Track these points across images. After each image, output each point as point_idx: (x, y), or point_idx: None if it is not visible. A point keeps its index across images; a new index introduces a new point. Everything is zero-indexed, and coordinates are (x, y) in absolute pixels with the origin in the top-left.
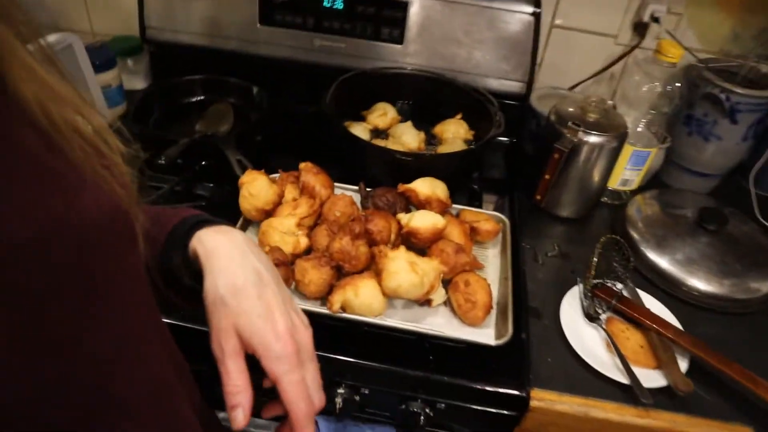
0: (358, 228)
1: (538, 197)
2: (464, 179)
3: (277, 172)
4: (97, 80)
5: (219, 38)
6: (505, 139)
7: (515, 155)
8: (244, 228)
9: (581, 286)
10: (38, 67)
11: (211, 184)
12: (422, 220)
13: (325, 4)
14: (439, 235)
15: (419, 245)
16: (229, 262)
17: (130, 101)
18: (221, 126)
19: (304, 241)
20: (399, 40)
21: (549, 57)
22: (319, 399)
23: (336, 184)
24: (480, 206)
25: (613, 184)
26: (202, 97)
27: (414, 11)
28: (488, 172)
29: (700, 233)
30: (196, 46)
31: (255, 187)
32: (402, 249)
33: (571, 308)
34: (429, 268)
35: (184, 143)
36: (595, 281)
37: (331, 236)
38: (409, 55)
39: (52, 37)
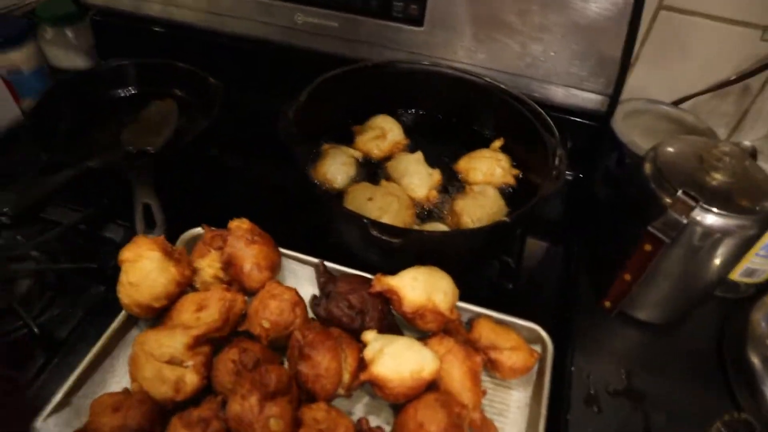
0: (273, 380)
1: (608, 304)
2: (490, 258)
3: (200, 227)
4: None
5: (168, 5)
6: (569, 173)
7: (582, 201)
8: (126, 328)
9: None
10: None
11: (128, 223)
12: (396, 366)
13: None
14: (424, 387)
15: (389, 400)
16: None
17: None
18: (159, 135)
19: (192, 380)
20: (418, 20)
21: (649, 54)
22: None
23: (291, 254)
24: (513, 295)
25: (734, 275)
26: (136, 91)
27: None
28: (536, 224)
29: None
30: (139, 17)
31: (137, 273)
32: (343, 426)
33: None
34: None
35: (80, 168)
36: None
37: (239, 379)
38: (430, 44)
39: None
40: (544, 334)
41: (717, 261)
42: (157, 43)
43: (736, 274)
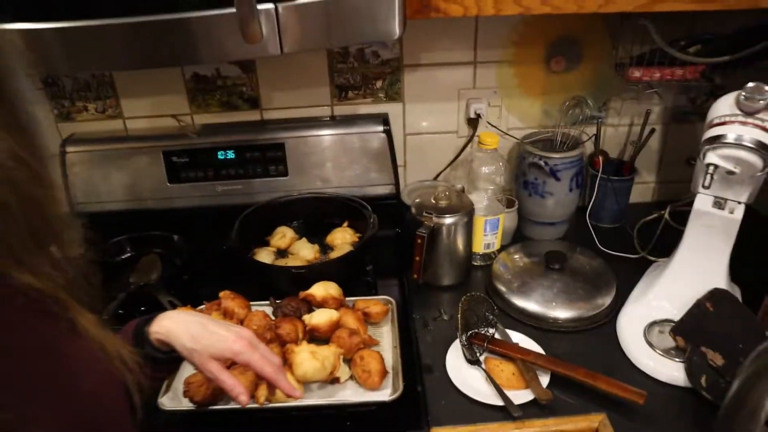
0: (269, 335)
1: (415, 276)
2: (359, 274)
3: (203, 304)
4: None
5: (138, 201)
6: (391, 231)
7: (402, 244)
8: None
9: (459, 338)
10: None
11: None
12: (320, 318)
13: (219, 156)
14: (336, 326)
15: (323, 337)
16: (181, 329)
17: None
18: (152, 275)
19: None
20: (284, 173)
21: (411, 158)
22: (276, 359)
23: (252, 303)
24: (375, 293)
25: (479, 249)
26: (131, 254)
27: (290, 148)
28: (383, 262)
29: (549, 273)
30: (121, 211)
31: None
32: (304, 343)
33: (455, 358)
34: (328, 353)
35: (122, 297)
36: (471, 332)
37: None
38: (294, 183)
39: None
40: (389, 298)
41: (460, 240)
42: (130, 226)
43: (482, 248)
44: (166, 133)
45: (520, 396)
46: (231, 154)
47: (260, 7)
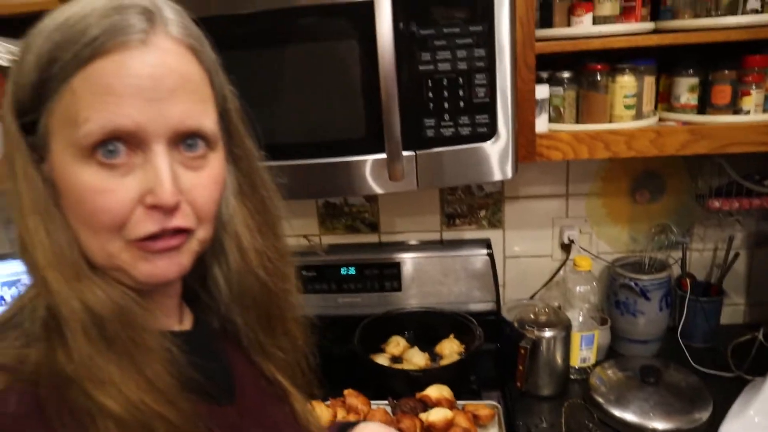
0: (393, 429)
1: (518, 384)
2: (465, 381)
3: (328, 400)
4: None
5: None
6: (492, 345)
7: (502, 356)
8: None
9: None
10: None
11: None
12: (436, 415)
13: (342, 272)
14: (450, 424)
15: None
16: None
17: None
18: None
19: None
20: (399, 288)
21: (509, 278)
22: None
23: (372, 401)
24: (480, 398)
25: (576, 363)
26: None
27: (406, 267)
28: (485, 372)
29: (645, 386)
30: None
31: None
32: None
33: None
34: None
35: None
36: None
37: None
38: (407, 298)
39: None
40: (496, 403)
41: (559, 353)
42: None
43: (578, 363)
44: (298, 250)
45: None
46: (352, 271)
47: (404, 153)
